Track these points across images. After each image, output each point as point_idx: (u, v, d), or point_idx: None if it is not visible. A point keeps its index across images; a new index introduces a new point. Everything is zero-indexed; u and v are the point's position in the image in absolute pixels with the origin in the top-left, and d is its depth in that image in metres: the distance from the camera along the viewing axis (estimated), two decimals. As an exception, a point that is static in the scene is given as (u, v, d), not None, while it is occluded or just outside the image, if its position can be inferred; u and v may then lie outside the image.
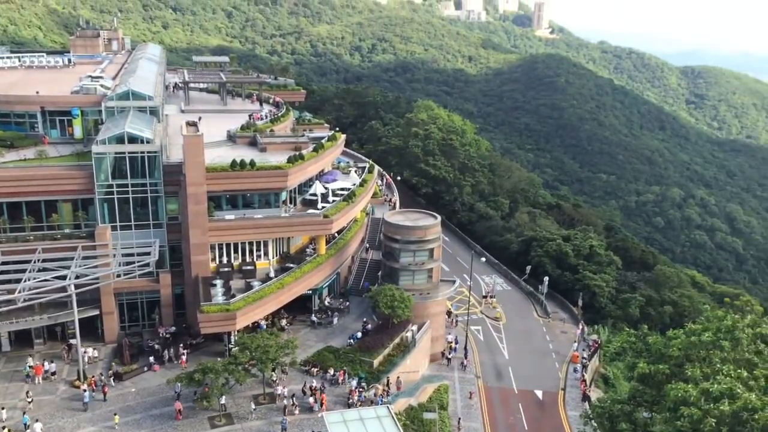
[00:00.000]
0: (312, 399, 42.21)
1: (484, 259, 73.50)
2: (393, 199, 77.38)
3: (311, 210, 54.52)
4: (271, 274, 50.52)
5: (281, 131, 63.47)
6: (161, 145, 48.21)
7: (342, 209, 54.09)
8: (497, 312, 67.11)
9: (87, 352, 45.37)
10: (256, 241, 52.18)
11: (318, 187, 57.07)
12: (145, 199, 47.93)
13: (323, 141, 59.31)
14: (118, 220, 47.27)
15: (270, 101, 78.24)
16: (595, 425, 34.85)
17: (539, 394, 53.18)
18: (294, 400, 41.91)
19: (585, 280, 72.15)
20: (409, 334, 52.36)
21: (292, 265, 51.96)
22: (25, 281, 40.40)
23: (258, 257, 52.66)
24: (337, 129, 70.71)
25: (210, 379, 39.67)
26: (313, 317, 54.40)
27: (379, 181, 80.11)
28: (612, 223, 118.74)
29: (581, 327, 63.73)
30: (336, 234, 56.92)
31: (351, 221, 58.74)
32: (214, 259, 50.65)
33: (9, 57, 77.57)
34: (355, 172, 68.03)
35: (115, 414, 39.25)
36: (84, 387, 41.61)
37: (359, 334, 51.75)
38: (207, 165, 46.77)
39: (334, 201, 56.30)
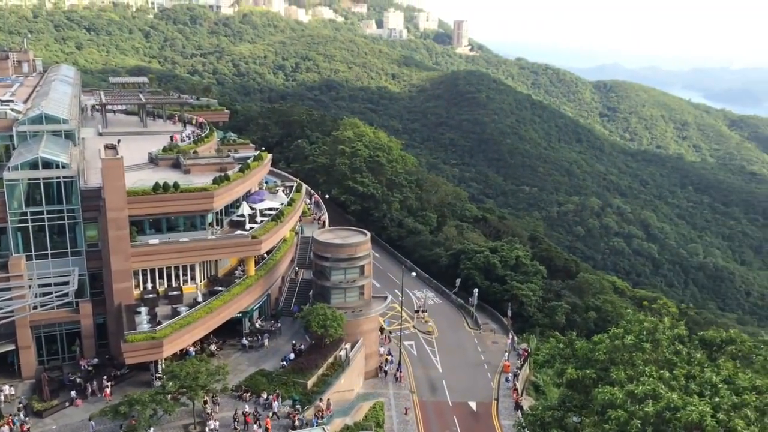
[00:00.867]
0: (256, 426, 41.41)
1: (414, 274, 73.98)
2: (322, 218, 77.06)
3: (239, 231, 53.59)
4: (199, 298, 49.22)
5: (205, 152, 62.26)
6: (78, 170, 46.33)
7: (271, 229, 53.41)
8: (429, 326, 67.61)
9: (3, 389, 42.78)
10: (182, 266, 50.74)
11: (245, 208, 56.20)
12: (63, 227, 45.83)
13: (249, 161, 58.55)
14: (33, 249, 44.95)
15: (193, 122, 76.63)
16: (528, 433, 35.46)
17: (473, 405, 53.77)
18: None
19: (513, 290, 73.75)
20: (343, 352, 52.03)
21: (220, 289, 50.80)
22: (-69, 318, 37.81)
23: (185, 282, 51.23)
24: (263, 148, 69.98)
25: (137, 411, 38.04)
26: (244, 341, 53.28)
27: (308, 200, 79.63)
28: (536, 234, 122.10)
29: (511, 337, 65.02)
30: (265, 255, 56.13)
31: (280, 241, 58.08)
32: (137, 286, 48.88)
33: None
34: (283, 191, 67.37)
35: (35, 454, 37.12)
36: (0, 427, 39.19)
37: (292, 355, 51.04)
38: (128, 189, 45.24)
39: (262, 221, 55.55)
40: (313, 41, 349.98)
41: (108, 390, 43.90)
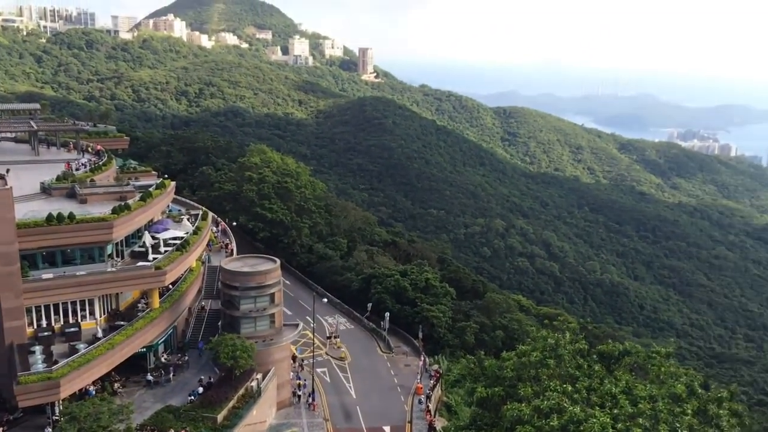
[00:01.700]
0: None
1: (326, 300, 73.58)
2: (230, 246, 75.42)
3: (141, 262, 51.51)
4: (99, 334, 46.76)
5: (103, 181, 59.71)
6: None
7: (175, 259, 51.72)
8: (342, 352, 67.25)
9: None
10: (80, 300, 48.12)
11: (148, 238, 54.21)
12: (-56, 263, 42.50)
13: (151, 189, 56.65)
14: None
15: (89, 149, 73.38)
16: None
17: (387, 429, 53.70)
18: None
19: (424, 312, 74.68)
20: (254, 383, 50.79)
21: (122, 323, 48.52)
22: None
23: (83, 317, 48.53)
24: (166, 176, 67.92)
25: (31, 459, 35.55)
26: (149, 376, 50.97)
27: (214, 228, 77.83)
28: (444, 256, 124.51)
29: (423, 358, 65.67)
30: (170, 286, 54.20)
31: (186, 271, 56.29)
32: (31, 323, 45.88)
33: None
34: (188, 219, 65.53)
35: None
36: None
37: (200, 389, 49.30)
38: (18, 221, 42.62)
39: (166, 251, 53.71)
40: (217, 67, 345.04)
41: (-2, 437, 40.80)
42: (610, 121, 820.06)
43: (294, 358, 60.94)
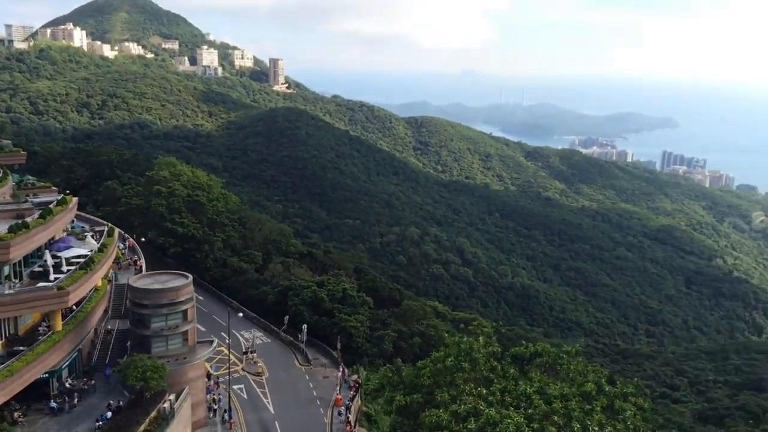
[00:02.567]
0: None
1: (241, 315, 72.11)
2: (139, 262, 72.59)
3: (42, 283, 48.71)
4: (-4, 362, 43.82)
5: (-2, 198, 56.21)
6: None
7: (79, 279, 49.22)
8: (259, 367, 66.05)
9: None
10: (-27, 327, 45.00)
11: (48, 257, 51.37)
12: None
13: (52, 206, 53.79)
14: None
15: (-18, 165, 68.80)
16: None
17: (308, 443, 53.19)
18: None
19: (341, 322, 74.59)
20: (167, 404, 48.95)
21: (21, 348, 45.64)
22: None
23: (-23, 345, 45.39)
24: (68, 192, 64.67)
25: None
26: (52, 403, 48.13)
27: (122, 245, 74.75)
28: (361, 266, 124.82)
29: (342, 369, 65.48)
30: (74, 307, 51.53)
31: (91, 291, 53.69)
32: None
33: None
34: (93, 237, 62.56)
35: None
36: None
37: (109, 414, 47.02)
38: None
39: (69, 270, 51.05)
40: (121, 78, 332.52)
41: None
42: (516, 130, 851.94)
43: (209, 375, 59.30)
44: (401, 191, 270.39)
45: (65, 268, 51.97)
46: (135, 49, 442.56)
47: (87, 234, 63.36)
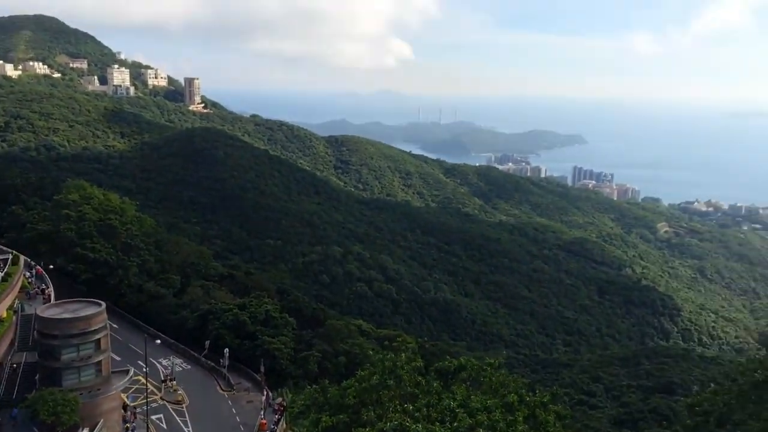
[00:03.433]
0: None
1: (159, 341, 69.69)
2: (47, 291, 69.02)
3: (-62, 317, 45.51)
4: None
5: None
6: None
7: (-19, 311, 46.31)
8: (179, 395, 63.87)
9: None
10: None
11: (-55, 289, 48.07)
12: None
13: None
14: None
15: None
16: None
17: (232, 471, 51.75)
18: None
19: (264, 345, 73.36)
20: (81, 439, 46.60)
21: None
22: None
23: None
24: (-33, 218, 60.94)
25: None
26: (-48, 447, 44.93)
27: (28, 273, 70.93)
28: (283, 286, 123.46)
29: (266, 393, 64.30)
30: (-25, 341, 48.34)
31: (-6, 323, 50.57)
32: None
33: None
34: (-5, 265, 59.13)
35: None
36: None
37: (16, 453, 44.24)
38: None
39: (-31, 303, 47.92)
40: (26, 98, 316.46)
41: None
42: (435, 148, 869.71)
43: (125, 406, 56.83)
44: (323, 210, 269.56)
45: (-36, 299, 48.80)
46: (40, 69, 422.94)
47: (-11, 263, 59.82)
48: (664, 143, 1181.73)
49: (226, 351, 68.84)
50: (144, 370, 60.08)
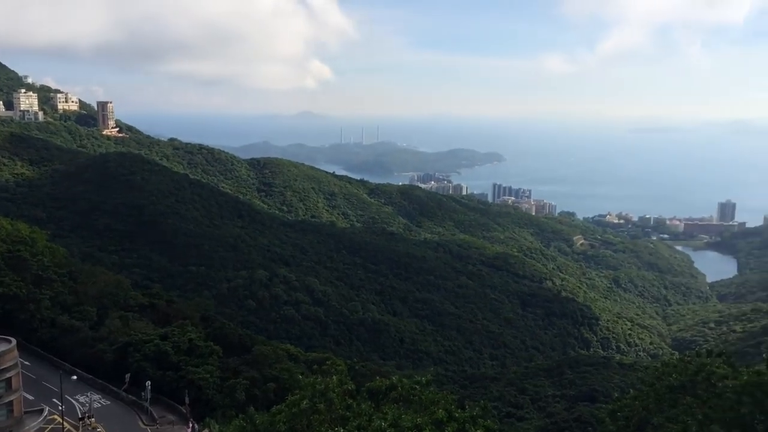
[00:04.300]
0: None
1: (75, 377, 66.36)
2: (-51, 330, 64.63)
3: None
4: None
5: None
6: None
7: None
8: (98, 432, 60.93)
9: None
10: None
11: None
12: None
13: None
14: None
15: None
16: None
17: None
18: None
19: (189, 375, 71.16)
20: (-10, 488, 43.65)
21: None
22: None
23: None
24: None
25: None
26: None
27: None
28: (208, 313, 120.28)
29: (191, 425, 62.33)
30: None
31: None
32: None
33: None
34: None
35: None
36: None
37: None
38: None
39: None
40: None
41: None
42: (358, 168, 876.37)
43: (40, 449, 53.70)
44: (247, 234, 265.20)
45: None
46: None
47: None
48: (576, 159, 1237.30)
49: (147, 384, 66.27)
50: (60, 408, 57.01)
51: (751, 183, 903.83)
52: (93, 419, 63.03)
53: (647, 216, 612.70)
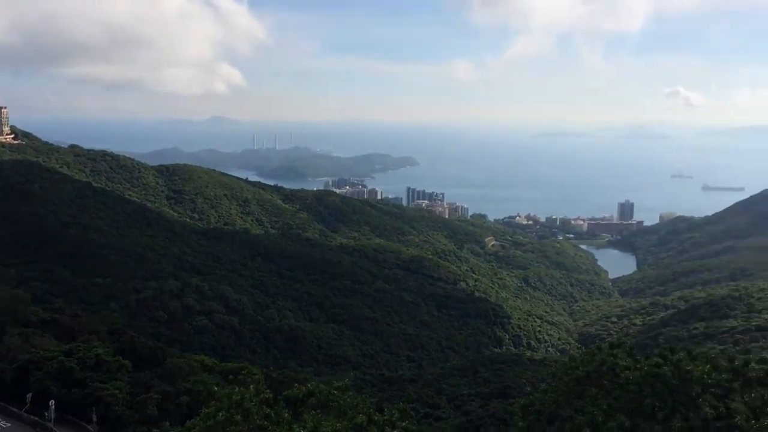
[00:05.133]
0: None
1: (-30, 401, 62.06)
2: None
3: None
4: None
5: None
6: None
7: None
8: (-3, 458, 57.30)
9: None
10: None
11: None
12: None
13: None
14: None
15: None
16: None
17: None
18: None
19: (96, 392, 68.00)
20: None
21: None
22: None
23: None
24: None
25: None
26: None
27: None
28: (116, 327, 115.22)
29: (100, 444, 59.57)
30: None
31: None
32: None
33: None
34: None
35: None
36: None
37: None
38: None
39: None
40: None
41: None
42: (272, 174, 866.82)
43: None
44: (156, 243, 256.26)
45: None
46: None
47: None
48: (486, 163, 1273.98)
49: (51, 403, 62.81)
50: (-48, 435, 53.29)
51: (647, 184, 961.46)
52: (-10, 444, 59.31)
53: (554, 217, 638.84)
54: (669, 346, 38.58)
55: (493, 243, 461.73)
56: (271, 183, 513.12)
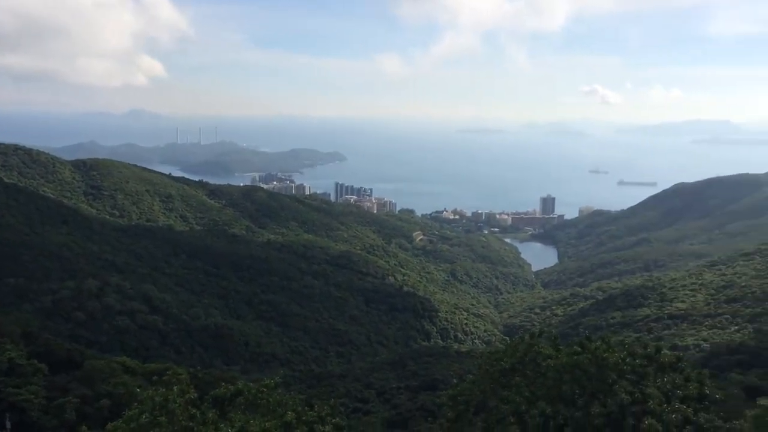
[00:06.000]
0: None
1: None
2: None
3: None
4: None
5: None
6: None
7: None
8: None
9: None
10: None
11: None
12: None
13: None
14: None
15: None
16: None
17: None
18: None
19: (9, 398, 64.84)
20: None
21: None
22: None
23: None
24: None
25: None
26: None
27: None
28: (30, 329, 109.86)
29: (14, 453, 56.82)
30: None
31: None
32: None
33: None
34: None
35: None
36: None
37: None
38: None
39: None
40: None
41: None
42: (196, 169, 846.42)
43: None
44: (74, 241, 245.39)
45: None
46: None
47: None
48: (413, 158, 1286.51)
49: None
50: None
51: (567, 179, 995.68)
52: None
53: (479, 211, 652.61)
54: (587, 334, 40.28)
55: (421, 237, 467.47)
56: (196, 178, 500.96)
